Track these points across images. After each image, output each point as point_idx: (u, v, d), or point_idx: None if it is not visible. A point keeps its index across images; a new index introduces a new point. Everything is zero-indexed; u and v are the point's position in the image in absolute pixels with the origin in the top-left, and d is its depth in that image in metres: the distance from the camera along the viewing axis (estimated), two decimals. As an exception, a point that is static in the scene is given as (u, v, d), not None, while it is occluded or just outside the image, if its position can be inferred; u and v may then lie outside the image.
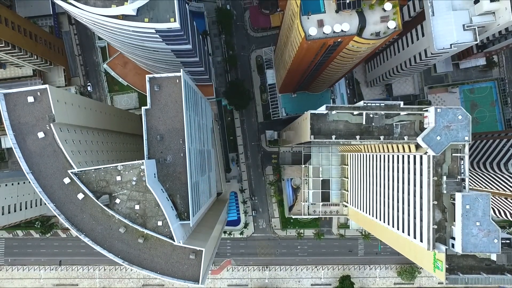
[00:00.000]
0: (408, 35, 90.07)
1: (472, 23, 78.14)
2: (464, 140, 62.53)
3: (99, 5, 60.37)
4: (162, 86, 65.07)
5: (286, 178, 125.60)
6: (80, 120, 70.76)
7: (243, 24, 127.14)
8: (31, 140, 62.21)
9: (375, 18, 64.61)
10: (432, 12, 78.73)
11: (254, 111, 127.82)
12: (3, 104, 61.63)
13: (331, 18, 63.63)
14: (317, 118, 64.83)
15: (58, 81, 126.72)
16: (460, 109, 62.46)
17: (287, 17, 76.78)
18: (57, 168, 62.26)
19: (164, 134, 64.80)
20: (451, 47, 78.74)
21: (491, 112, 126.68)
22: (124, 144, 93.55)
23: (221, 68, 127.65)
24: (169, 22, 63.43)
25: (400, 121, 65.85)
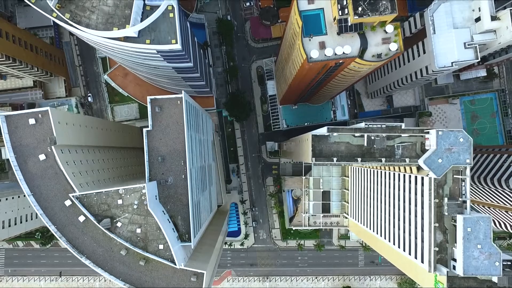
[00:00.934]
0: (409, 51, 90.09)
1: (473, 41, 78.24)
2: (466, 163, 62.49)
3: (101, 28, 60.22)
4: (163, 107, 65.05)
5: (287, 189, 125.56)
6: (81, 140, 70.70)
7: (243, 35, 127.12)
8: (32, 162, 62.14)
9: (377, 40, 64.58)
10: (433, 30, 78.83)
11: (254, 122, 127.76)
12: (4, 126, 61.56)
13: (332, 39, 63.60)
14: (318, 140, 64.79)
15: (58, 91, 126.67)
16: (461, 132, 62.44)
17: (289, 34, 76.72)
18: (58, 191, 62.23)
19: (165, 155, 64.77)
20: (452, 65, 78.81)
21: (491, 123, 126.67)
22: (125, 159, 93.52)
23: (221, 78, 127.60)
24: (171, 44, 63.32)
25: (402, 142, 65.81)
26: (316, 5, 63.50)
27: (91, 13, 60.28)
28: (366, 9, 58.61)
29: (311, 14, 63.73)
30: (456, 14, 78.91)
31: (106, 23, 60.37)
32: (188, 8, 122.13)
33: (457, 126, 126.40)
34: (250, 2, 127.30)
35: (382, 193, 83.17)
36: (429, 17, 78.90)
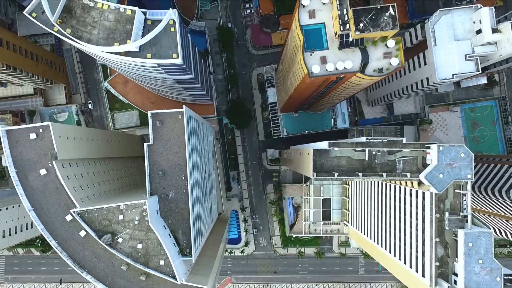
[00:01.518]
0: (410, 61, 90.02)
1: (474, 53, 78.16)
2: (467, 178, 62.47)
3: (102, 44, 60.18)
4: (164, 121, 64.97)
5: (287, 196, 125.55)
6: (82, 153, 70.64)
7: (244, 43, 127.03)
8: (33, 177, 62.13)
9: (378, 54, 64.54)
10: (435, 42, 78.80)
11: (255, 129, 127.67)
12: (5, 141, 61.52)
13: (334, 54, 63.57)
14: (319, 154, 64.75)
15: (59, 98, 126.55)
16: (462, 147, 62.40)
17: (290, 46, 76.66)
18: (59, 205, 62.23)
19: (166, 169, 64.68)
20: (453, 77, 78.77)
21: (492, 131, 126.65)
22: (126, 169, 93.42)
23: (222, 86, 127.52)
24: (172, 58, 63.28)
25: (403, 157, 65.78)
26: (317, 20, 63.48)
27: (92, 28, 60.26)
28: (367, 25, 58.57)
29: (313, 28, 63.69)
30: (457, 26, 78.88)
31: (108, 38, 60.35)
32: (188, 16, 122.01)
33: (457, 133, 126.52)
34: (251, 9, 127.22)
35: (383, 204, 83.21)
36: (430, 29, 78.81)
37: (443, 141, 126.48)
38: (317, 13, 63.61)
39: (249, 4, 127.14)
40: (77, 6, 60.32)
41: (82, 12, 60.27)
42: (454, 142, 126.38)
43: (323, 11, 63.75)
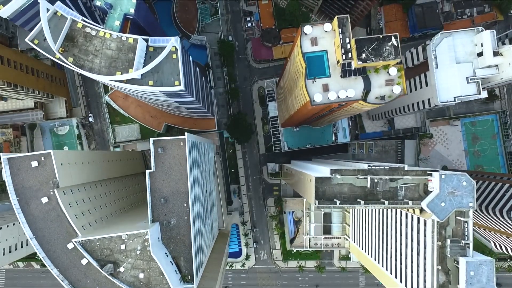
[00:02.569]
0: (411, 81, 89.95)
1: (476, 76, 78.12)
2: (469, 206, 62.53)
3: (104, 72, 60.11)
4: (166, 148, 64.87)
5: (288, 210, 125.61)
6: (84, 178, 70.50)
7: (245, 56, 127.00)
8: (34, 204, 62.05)
9: (380, 81, 64.53)
10: (436, 64, 78.77)
11: (256, 142, 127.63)
12: (7, 169, 61.41)
13: (336, 82, 63.54)
14: (321, 181, 64.69)
15: (59, 112, 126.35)
16: (464, 175, 62.45)
17: (291, 69, 76.57)
18: (60, 233, 62.15)
19: (168, 196, 64.61)
20: (454, 100, 78.81)
21: (492, 145, 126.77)
22: (127, 188, 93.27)
23: (223, 99, 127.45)
24: (174, 86, 63.22)
25: (405, 184, 65.76)
26: (319, 47, 63.47)
27: (94, 57, 60.20)
28: (370, 55, 58.56)
29: (315, 55, 63.64)
30: (459, 48, 78.82)
31: (109, 67, 60.30)
32: (189, 30, 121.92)
33: (458, 147, 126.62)
34: (252, 23, 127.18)
35: (385, 223, 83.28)
36: (431, 52, 78.73)
37: (443, 155, 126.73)
38: (319, 41, 63.60)
39: (250, 18, 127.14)
40: (79, 35, 60.25)
41: (84, 41, 60.20)
42: (455, 156, 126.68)
43: (325, 38, 63.74)
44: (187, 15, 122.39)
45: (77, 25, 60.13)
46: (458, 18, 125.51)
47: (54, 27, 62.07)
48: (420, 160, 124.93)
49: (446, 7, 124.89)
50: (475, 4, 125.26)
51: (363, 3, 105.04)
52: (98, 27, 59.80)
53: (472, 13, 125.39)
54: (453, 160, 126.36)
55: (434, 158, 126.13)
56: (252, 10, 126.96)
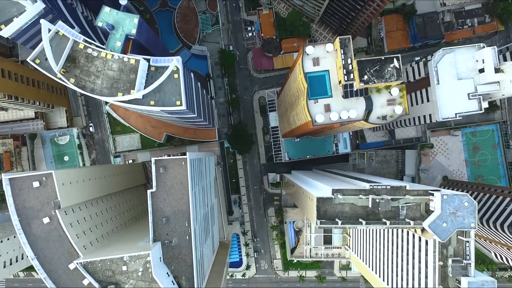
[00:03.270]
0: (413, 95, 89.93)
1: (477, 92, 78.07)
2: (470, 227, 62.47)
3: (105, 94, 60.07)
4: (167, 168, 64.84)
5: (288, 220, 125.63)
6: (85, 196, 70.44)
7: (246, 66, 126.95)
8: (36, 225, 62.01)
9: (382, 101, 64.47)
10: (437, 80, 78.73)
11: (256, 152, 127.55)
12: (8, 189, 61.33)
13: (338, 102, 63.50)
14: (323, 201, 64.64)
15: (60, 121, 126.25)
16: (466, 196, 62.41)
17: (293, 85, 76.48)
18: (62, 253, 62.12)
19: (169, 216, 64.58)
20: (456, 116, 78.76)
21: (493, 155, 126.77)
22: (128, 201, 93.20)
23: (223, 109, 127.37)
24: (175, 106, 63.15)
25: (406, 203, 65.73)
26: (321, 67, 63.42)
27: (96, 78, 60.13)
28: (371, 77, 58.50)
29: (316, 75, 63.59)
30: (460, 65, 78.77)
31: (111, 88, 60.22)
32: (190, 40, 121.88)
33: (458, 157, 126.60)
34: (252, 33, 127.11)
35: (385, 238, 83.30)
36: (433, 68, 78.69)
37: (444, 165, 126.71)
38: (321, 61, 63.55)
39: (251, 27, 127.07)
40: (80, 56, 60.17)
41: (85, 62, 60.13)
42: (456, 166, 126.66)
43: (327, 58, 63.69)
44: (188, 25, 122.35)
45: (79, 46, 60.06)
46: (459, 28, 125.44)
47: (55, 47, 62.01)
48: (421, 170, 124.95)
49: (447, 17, 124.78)
50: (476, 14, 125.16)
51: (364, 15, 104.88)
52: (99, 48, 59.74)
53: (473, 23, 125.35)
54: (454, 170, 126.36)
55: (435, 168, 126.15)
56: (253, 20, 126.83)
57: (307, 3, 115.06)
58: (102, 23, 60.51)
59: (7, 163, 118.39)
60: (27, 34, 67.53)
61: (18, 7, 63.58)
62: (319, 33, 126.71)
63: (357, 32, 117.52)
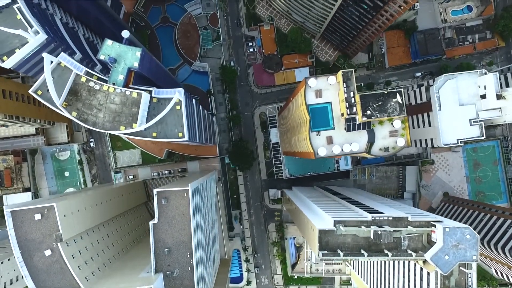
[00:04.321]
0: (414, 118, 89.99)
1: (479, 118, 78.17)
2: (473, 259, 62.48)
3: (107, 127, 59.99)
4: (169, 199, 64.83)
5: (289, 236, 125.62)
6: (87, 224, 70.38)
7: (247, 82, 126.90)
8: (37, 257, 61.95)
9: (384, 133, 64.44)
10: (439, 106, 78.79)
11: (257, 168, 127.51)
12: (10, 222, 61.26)
13: (340, 134, 63.47)
14: (325, 232, 64.62)
15: (60, 137, 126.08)
16: (468, 229, 62.45)
17: (295, 112, 76.37)
18: (64, 286, 61.96)
19: (171, 247, 64.56)
20: (457, 142, 78.82)
21: (493, 171, 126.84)
22: (129, 222, 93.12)
23: (224, 124, 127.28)
24: (177, 138, 63.07)
25: (408, 234, 65.71)
26: (324, 99, 63.43)
27: (98, 111, 60.03)
28: (374, 111, 58.48)
29: (319, 107, 63.55)
30: (462, 90, 78.92)
31: (113, 121, 60.13)
32: (191, 56, 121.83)
33: (459, 174, 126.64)
34: (254, 48, 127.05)
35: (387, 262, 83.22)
36: (435, 94, 78.78)
37: (445, 181, 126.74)
38: (324, 92, 63.54)
39: (252, 43, 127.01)
40: (82, 89, 60.09)
41: (88, 95, 60.03)
42: (456, 182, 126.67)
43: (329, 90, 63.67)
44: (189, 41, 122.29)
45: (81, 79, 59.94)
46: (460, 45, 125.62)
47: (57, 78, 61.86)
48: (422, 186, 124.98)
49: (448, 34, 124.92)
50: (477, 30, 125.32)
51: (366, 34, 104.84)
52: (101, 82, 59.62)
53: (474, 40, 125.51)
54: (455, 186, 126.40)
55: (436, 184, 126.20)
56: (254, 35, 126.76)
57: (308, 20, 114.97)
58: (104, 56, 60.39)
59: (7, 179, 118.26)
60: (29, 63, 67.33)
61: (20, 38, 63.39)
62: (320, 49, 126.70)
63: (358, 49, 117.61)
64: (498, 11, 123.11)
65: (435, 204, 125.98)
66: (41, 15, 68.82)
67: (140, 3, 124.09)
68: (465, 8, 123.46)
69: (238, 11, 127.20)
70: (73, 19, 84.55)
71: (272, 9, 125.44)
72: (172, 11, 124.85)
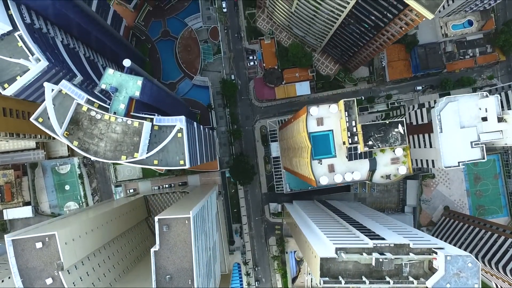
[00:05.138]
0: (415, 138, 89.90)
1: (480, 141, 78.15)
2: (474, 287, 62.47)
3: (109, 157, 59.91)
4: (171, 226, 64.77)
5: (289, 250, 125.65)
6: (88, 249, 70.28)
7: (247, 96, 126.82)
8: (38, 285, 61.88)
9: (386, 160, 64.45)
10: (441, 129, 78.69)
11: (258, 181, 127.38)
12: (11, 250, 61.20)
13: (342, 162, 63.45)
14: (326, 259, 64.58)
15: (61, 150, 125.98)
16: (469, 257, 62.43)
17: (297, 138, 76.09)
18: (65, 314, 61.86)
19: (172, 274, 64.50)
20: (458, 164, 78.84)
21: (494, 185, 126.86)
22: (130, 242, 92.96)
23: (225, 138, 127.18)
24: (179, 166, 63.00)
25: (410, 260, 65.72)
26: (325, 127, 63.40)
27: (100, 141, 59.96)
28: (376, 141, 58.44)
29: (320, 135, 63.49)
30: (463, 112, 78.83)
31: (115, 150, 60.06)
32: (192, 71, 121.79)
33: (460, 187, 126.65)
34: (254, 62, 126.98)
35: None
36: (436, 116, 78.63)
37: (445, 195, 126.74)
38: (325, 120, 63.51)
39: (253, 56, 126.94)
40: (84, 118, 60.01)
41: (89, 124, 59.94)
42: (457, 196, 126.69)
43: (330, 118, 63.64)
44: (189, 55, 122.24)
45: (82, 109, 59.86)
46: (460, 58, 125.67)
47: (58, 105, 61.92)
48: (422, 201, 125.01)
49: (448, 47, 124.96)
50: (477, 44, 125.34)
51: (366, 51, 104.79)
52: (102, 111, 59.51)
53: (474, 54, 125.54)
54: (455, 200, 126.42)
55: (436, 199, 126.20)
56: (255, 49, 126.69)
57: (309, 35, 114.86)
58: (106, 86, 60.31)
59: (7, 194, 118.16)
60: (30, 89, 67.34)
61: (21, 65, 63.31)
62: (320, 62, 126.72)
63: (359, 64, 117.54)
64: (498, 26, 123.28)
65: (436, 218, 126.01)
66: (42, 40, 68.75)
67: (141, 16, 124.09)
68: (466, 22, 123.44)
69: (239, 24, 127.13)
70: (74, 39, 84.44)
71: (273, 23, 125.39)
72: (172, 25, 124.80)
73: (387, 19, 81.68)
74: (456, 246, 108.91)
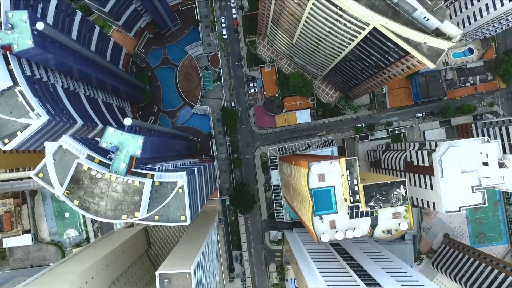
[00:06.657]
0: (416, 176, 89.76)
1: (481, 185, 78.10)
2: None
3: (109, 216, 59.69)
4: (171, 279, 64.69)
5: (290, 278, 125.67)
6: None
7: (248, 124, 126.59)
8: None
9: (387, 215, 64.28)
10: (442, 173, 78.60)
11: (258, 208, 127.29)
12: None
13: (343, 218, 63.32)
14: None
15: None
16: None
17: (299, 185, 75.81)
18: None
19: (174, 328, 64.37)
20: (459, 209, 78.78)
21: (494, 212, 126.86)
22: (131, 278, 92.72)
23: (225, 165, 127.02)
24: (180, 222, 62.83)
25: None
26: (326, 183, 63.26)
27: (100, 199, 59.73)
28: (377, 202, 58.32)
29: (322, 190, 63.35)
30: (464, 156, 78.74)
31: (115, 209, 59.85)
32: (192, 100, 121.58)
33: (460, 215, 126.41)
34: (255, 89, 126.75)
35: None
36: (437, 161, 78.56)
37: (445, 222, 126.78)
38: (327, 176, 63.34)
39: (253, 83, 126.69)
40: (84, 177, 59.77)
41: (90, 183, 59.71)
42: (457, 223, 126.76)
43: (332, 174, 63.44)
44: (190, 84, 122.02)
45: (83, 167, 59.62)
46: (461, 86, 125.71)
47: (59, 160, 61.80)
48: (423, 229, 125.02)
49: (449, 75, 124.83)
50: (478, 72, 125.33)
51: (367, 85, 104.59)
52: (103, 171, 59.27)
53: (475, 81, 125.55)
54: (455, 228, 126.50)
55: (436, 226, 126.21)
56: (256, 75, 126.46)
57: (310, 64, 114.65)
58: (106, 145, 60.12)
59: (7, 223, 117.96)
60: (30, 142, 67.13)
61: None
62: (321, 90, 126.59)
63: (360, 94, 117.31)
64: (499, 54, 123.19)
65: (436, 245, 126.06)
66: (42, 91, 68.51)
67: (141, 44, 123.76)
68: (466, 50, 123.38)
69: (239, 51, 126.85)
70: (74, 81, 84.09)
71: (274, 50, 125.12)
72: (173, 52, 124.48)
73: (388, 62, 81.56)
74: (456, 277, 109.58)
